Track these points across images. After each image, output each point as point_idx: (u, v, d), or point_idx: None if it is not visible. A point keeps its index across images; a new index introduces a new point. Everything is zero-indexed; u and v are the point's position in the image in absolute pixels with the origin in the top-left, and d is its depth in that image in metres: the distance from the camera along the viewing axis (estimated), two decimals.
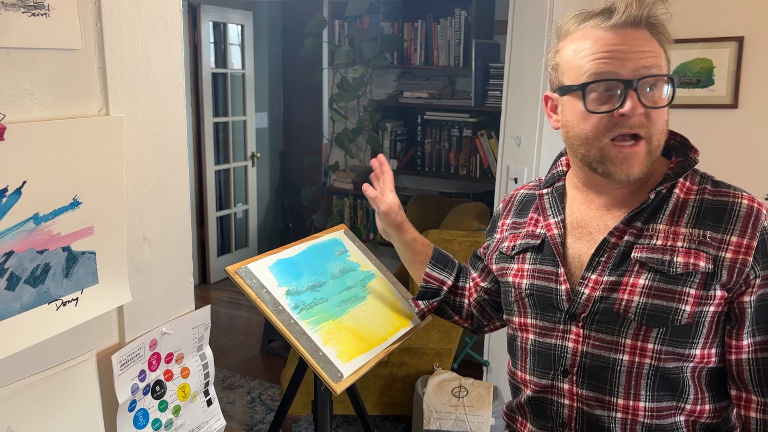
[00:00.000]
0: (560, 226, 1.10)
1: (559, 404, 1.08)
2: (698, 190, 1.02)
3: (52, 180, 0.78)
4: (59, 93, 0.80)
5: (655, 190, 1.01)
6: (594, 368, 1.03)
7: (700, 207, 1.00)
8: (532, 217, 1.17)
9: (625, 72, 0.95)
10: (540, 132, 2.48)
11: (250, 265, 1.37)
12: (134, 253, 0.95)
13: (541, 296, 1.09)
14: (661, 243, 0.99)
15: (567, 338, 1.05)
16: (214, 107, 4.75)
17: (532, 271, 1.12)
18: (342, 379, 1.29)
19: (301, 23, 3.99)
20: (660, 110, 0.97)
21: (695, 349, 0.98)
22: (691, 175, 1.04)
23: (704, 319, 0.97)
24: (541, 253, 1.11)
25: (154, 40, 0.93)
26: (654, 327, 0.98)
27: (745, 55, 2.37)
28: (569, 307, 1.05)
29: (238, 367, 3.58)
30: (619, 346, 1.00)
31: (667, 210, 1.01)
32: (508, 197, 1.28)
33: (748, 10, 2.35)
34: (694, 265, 0.96)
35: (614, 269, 1.01)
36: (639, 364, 0.99)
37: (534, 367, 1.11)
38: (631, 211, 1.02)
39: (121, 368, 0.93)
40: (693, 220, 0.99)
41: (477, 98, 3.40)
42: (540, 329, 1.10)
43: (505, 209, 1.26)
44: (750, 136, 2.42)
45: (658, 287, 0.98)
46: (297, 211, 5.32)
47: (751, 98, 2.39)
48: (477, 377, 2.66)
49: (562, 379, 1.06)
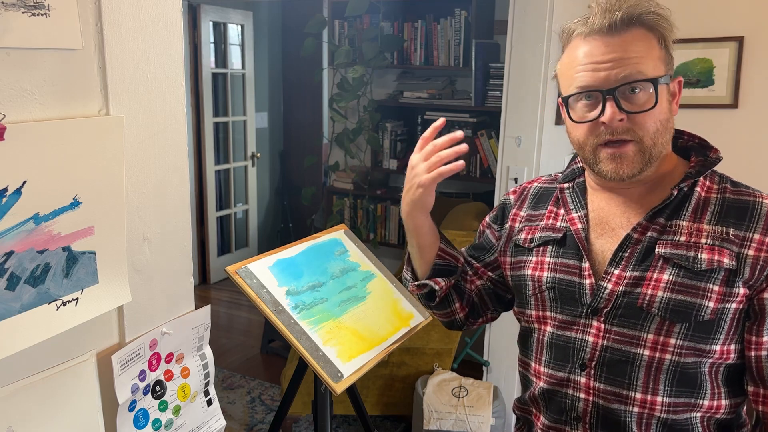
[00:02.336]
0: (583, 221, 1.11)
1: (574, 398, 1.08)
2: (719, 188, 1.04)
3: (52, 180, 0.78)
4: (59, 93, 0.80)
5: (678, 188, 1.03)
6: (613, 362, 1.04)
7: (722, 205, 1.02)
8: (551, 210, 1.17)
9: (601, 82, 0.99)
10: (540, 132, 2.47)
11: (250, 265, 1.37)
12: (134, 253, 0.95)
13: (564, 290, 1.10)
14: (684, 239, 1.01)
15: (587, 332, 1.06)
16: (214, 107, 4.75)
17: (554, 264, 1.12)
18: (342, 379, 1.29)
19: (301, 23, 3.99)
20: (647, 112, 0.99)
21: (715, 344, 0.99)
22: (710, 175, 1.06)
23: (726, 315, 0.98)
24: (564, 246, 1.12)
25: (154, 40, 0.93)
26: (677, 322, 0.99)
27: (745, 55, 2.37)
28: (592, 301, 1.06)
29: (238, 367, 3.58)
30: (640, 341, 1.02)
31: (690, 207, 1.03)
32: (518, 188, 1.27)
33: (748, 10, 2.35)
34: (719, 261, 0.97)
35: (638, 264, 1.03)
36: (659, 359, 1.01)
37: (551, 359, 1.12)
38: (653, 208, 1.04)
39: (121, 368, 0.93)
40: (716, 218, 1.01)
41: (477, 98, 3.40)
42: (560, 322, 1.10)
43: (518, 200, 1.25)
44: (750, 136, 2.42)
45: (682, 283, 0.99)
46: (297, 211, 5.32)
47: (751, 98, 2.39)
48: (477, 377, 2.66)
49: (580, 373, 1.07)
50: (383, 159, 3.86)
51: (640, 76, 0.98)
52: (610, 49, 0.98)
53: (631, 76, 0.98)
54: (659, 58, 1.01)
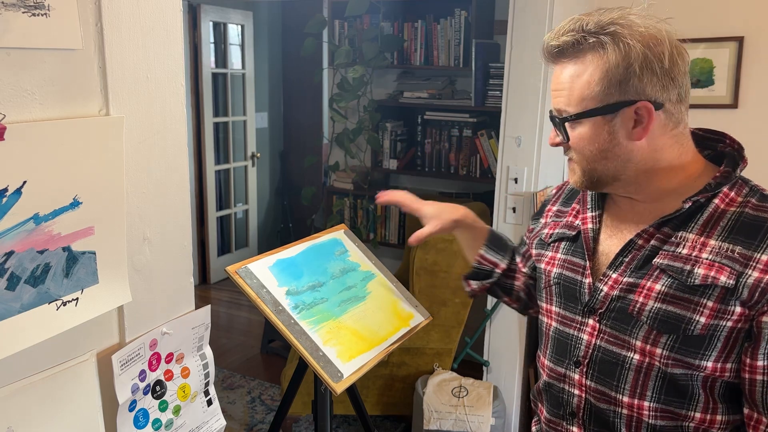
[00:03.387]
0: (596, 221, 1.12)
1: (570, 393, 1.10)
2: (741, 202, 0.99)
3: (52, 180, 0.78)
4: (59, 93, 0.80)
5: (692, 200, 0.99)
6: (604, 362, 1.05)
7: (736, 220, 0.98)
8: (574, 207, 1.19)
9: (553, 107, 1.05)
10: (540, 132, 2.47)
11: (250, 265, 1.37)
12: (134, 253, 0.95)
13: (567, 286, 1.12)
14: (686, 252, 0.98)
15: (583, 330, 1.08)
16: (214, 107, 4.75)
17: (563, 261, 1.14)
18: (342, 379, 1.29)
19: (301, 23, 3.98)
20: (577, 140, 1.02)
21: (707, 361, 0.97)
22: (739, 186, 1.02)
23: (720, 333, 0.95)
24: (575, 244, 1.14)
25: (154, 40, 0.93)
26: (665, 333, 0.98)
27: (745, 55, 2.37)
28: (588, 301, 1.07)
29: (238, 367, 3.58)
30: (630, 345, 1.02)
31: (701, 220, 0.99)
32: (561, 184, 1.30)
33: (748, 10, 2.35)
34: (714, 278, 0.94)
35: (635, 271, 1.02)
36: (649, 364, 1.00)
37: (553, 353, 1.14)
38: (663, 217, 1.01)
39: (122, 368, 0.93)
40: (726, 233, 0.97)
41: (477, 98, 3.40)
42: (561, 317, 1.13)
43: (555, 196, 1.28)
44: (750, 136, 2.41)
45: (674, 294, 0.97)
46: (297, 211, 5.32)
47: (751, 98, 2.39)
48: (477, 377, 2.66)
49: (574, 369, 1.09)
50: (383, 159, 3.86)
51: (555, 112, 1.04)
52: (554, 78, 1.03)
53: (554, 110, 1.04)
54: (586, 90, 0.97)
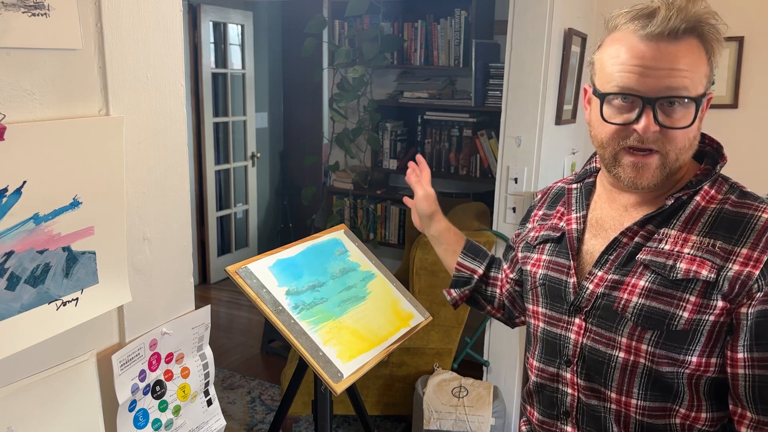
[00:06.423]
0: (580, 222, 1.13)
1: (563, 393, 1.11)
2: (722, 199, 1.01)
3: (52, 180, 0.78)
4: (59, 93, 0.80)
5: (674, 197, 1.01)
6: (592, 360, 1.06)
7: (717, 216, 0.99)
8: (559, 209, 1.20)
9: (646, 89, 0.94)
10: (540, 132, 2.47)
11: (250, 265, 1.37)
12: (134, 253, 0.95)
13: (552, 287, 1.13)
14: (668, 248, 0.99)
15: (570, 329, 1.09)
16: (214, 107, 4.75)
17: (548, 262, 1.15)
18: (342, 379, 1.29)
19: (301, 23, 3.98)
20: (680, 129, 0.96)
21: (691, 356, 0.97)
22: (719, 183, 1.03)
23: (703, 327, 0.96)
24: (560, 245, 1.14)
25: (154, 40, 0.93)
26: (649, 329, 0.98)
27: (745, 55, 2.37)
28: (574, 300, 1.08)
29: (238, 367, 3.58)
30: (615, 342, 1.02)
31: (683, 216, 1.01)
32: (546, 188, 1.30)
33: (748, 10, 2.35)
34: (696, 272, 0.95)
35: (620, 268, 1.03)
36: (634, 362, 1.01)
37: (542, 354, 1.15)
38: (647, 214, 1.02)
39: (121, 368, 0.93)
40: (706, 229, 0.98)
41: (477, 98, 3.40)
42: (549, 318, 1.13)
43: (540, 200, 1.28)
44: (750, 136, 2.42)
45: (657, 290, 0.98)
46: (297, 211, 5.32)
47: (751, 98, 2.39)
48: (477, 377, 2.66)
49: (566, 368, 1.10)
50: (383, 159, 3.86)
51: (685, 92, 0.94)
52: (662, 56, 0.93)
53: (676, 90, 0.94)
54: (705, 75, 0.97)
